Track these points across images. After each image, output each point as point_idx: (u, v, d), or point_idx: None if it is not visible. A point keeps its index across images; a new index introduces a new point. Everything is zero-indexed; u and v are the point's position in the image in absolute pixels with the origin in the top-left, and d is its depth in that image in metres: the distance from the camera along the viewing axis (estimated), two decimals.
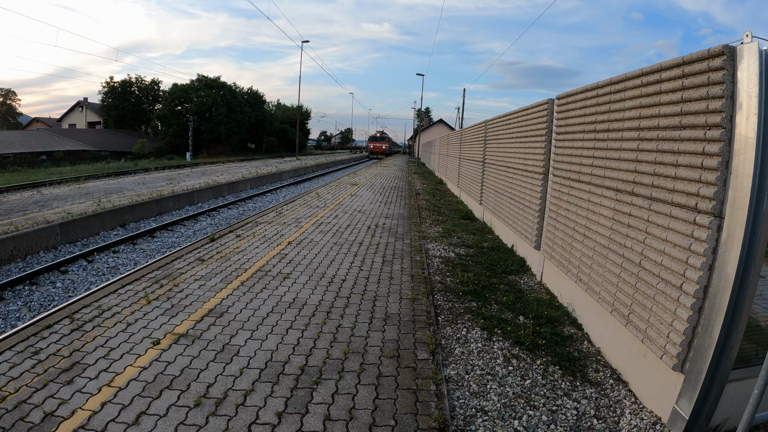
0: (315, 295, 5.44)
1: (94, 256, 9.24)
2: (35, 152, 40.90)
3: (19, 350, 3.97)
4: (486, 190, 10.91)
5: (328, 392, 3.42)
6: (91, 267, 8.61)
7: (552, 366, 4.05)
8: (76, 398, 3.28)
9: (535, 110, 7.22)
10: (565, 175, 5.50)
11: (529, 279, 6.66)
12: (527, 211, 7.18)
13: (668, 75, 3.48)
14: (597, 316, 4.54)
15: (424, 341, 4.32)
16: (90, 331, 4.35)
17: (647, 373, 3.56)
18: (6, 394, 3.30)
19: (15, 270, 8.33)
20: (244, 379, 3.56)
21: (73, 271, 8.31)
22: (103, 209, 11.80)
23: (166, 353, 3.95)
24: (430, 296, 5.56)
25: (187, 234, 11.74)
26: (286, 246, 7.83)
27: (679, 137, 3.28)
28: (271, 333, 4.37)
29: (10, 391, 3.34)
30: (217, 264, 6.63)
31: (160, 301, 5.13)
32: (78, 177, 24.16)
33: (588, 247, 4.68)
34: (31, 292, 7.23)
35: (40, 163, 39.43)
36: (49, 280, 7.80)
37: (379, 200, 14.92)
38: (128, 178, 22.61)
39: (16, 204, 12.75)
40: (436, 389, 3.52)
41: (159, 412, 3.14)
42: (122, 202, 13.18)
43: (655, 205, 3.52)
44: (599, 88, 4.74)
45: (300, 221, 10.37)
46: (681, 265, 3.11)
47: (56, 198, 14.05)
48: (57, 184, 20.77)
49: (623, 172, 4.07)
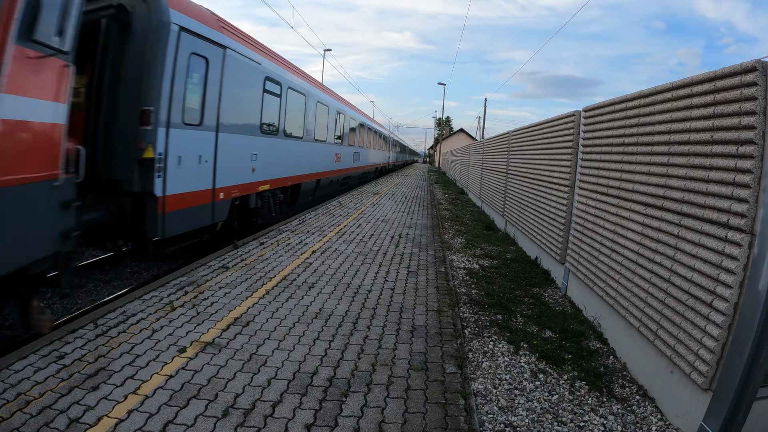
0: (341, 305, 5.48)
1: None
2: None
3: (44, 354, 3.99)
4: (509, 201, 10.87)
5: (357, 405, 3.42)
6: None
7: (578, 381, 4.02)
8: (102, 405, 3.28)
9: (561, 122, 7.21)
10: (592, 188, 5.48)
11: (554, 292, 6.62)
12: (552, 224, 7.14)
13: (699, 89, 3.47)
14: (623, 331, 4.49)
15: (452, 354, 4.32)
16: (115, 337, 4.38)
17: (674, 389, 3.51)
18: (30, 399, 3.30)
19: None
20: (272, 390, 3.56)
21: (94, 274, 8.43)
22: None
23: (192, 361, 3.97)
24: (456, 308, 5.57)
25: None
26: (311, 255, 7.91)
27: (711, 152, 3.26)
28: (298, 343, 4.40)
29: (34, 395, 3.35)
30: (241, 272, 6.72)
31: (186, 308, 5.18)
32: None
33: (615, 262, 4.65)
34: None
35: None
36: None
37: (401, 210, 14.96)
38: None
39: None
40: (464, 403, 3.51)
41: (186, 421, 3.13)
42: None
43: (685, 220, 3.50)
44: (628, 101, 4.73)
45: (323, 230, 10.46)
46: (711, 281, 3.08)
47: None
48: None
49: (653, 186, 4.04)
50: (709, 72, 3.37)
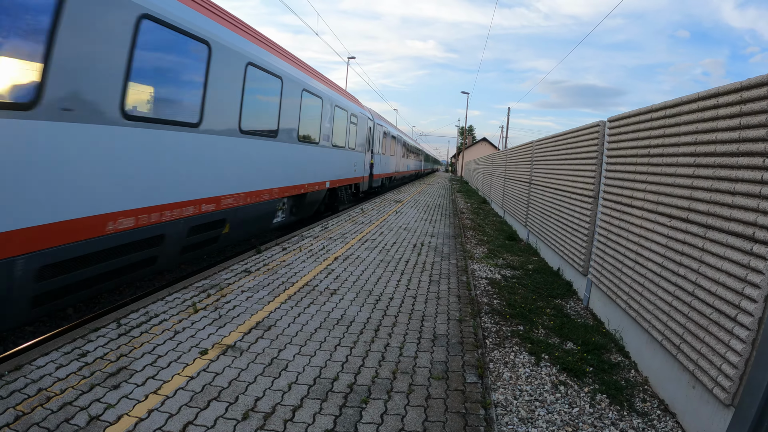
0: (363, 312, 5.52)
1: None
2: None
3: (66, 351, 4.08)
4: (532, 211, 10.81)
5: (377, 412, 3.43)
6: None
7: (599, 394, 3.98)
8: (123, 404, 3.33)
9: (586, 132, 7.17)
10: (617, 200, 5.43)
11: (576, 304, 6.56)
12: (575, 235, 7.09)
13: (725, 100, 3.44)
14: (645, 344, 4.44)
15: (473, 364, 4.32)
16: (137, 337, 4.46)
17: (696, 405, 3.46)
18: (51, 395, 3.37)
19: None
20: (292, 395, 3.59)
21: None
22: None
23: (213, 364, 4.02)
24: (477, 318, 5.56)
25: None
26: (333, 261, 7.98)
27: (737, 164, 3.22)
28: (319, 349, 4.44)
29: (55, 392, 3.42)
30: (264, 276, 6.81)
31: (208, 310, 5.26)
32: None
33: (639, 274, 4.60)
34: None
35: None
36: None
37: (423, 218, 14.97)
38: None
39: None
40: (485, 414, 3.50)
41: (206, 423, 3.16)
42: None
43: (710, 233, 3.45)
44: (653, 112, 4.70)
45: (346, 237, 10.53)
46: (736, 295, 3.04)
47: None
48: None
49: (678, 198, 4.00)
50: (735, 83, 3.34)
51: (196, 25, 6.39)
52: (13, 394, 3.37)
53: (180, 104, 6.39)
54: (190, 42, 6.31)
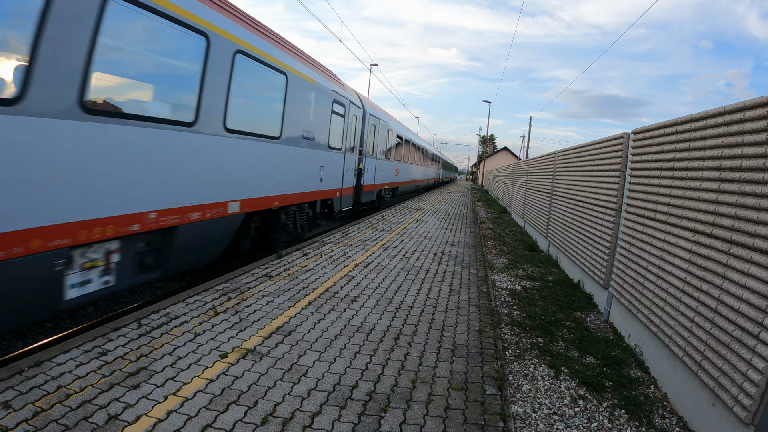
0: (383, 320, 5.55)
1: None
2: None
3: (87, 350, 4.15)
4: (553, 222, 10.73)
5: (396, 421, 3.43)
6: None
7: (618, 409, 3.95)
8: (142, 404, 3.36)
9: (609, 144, 7.13)
10: (640, 213, 5.39)
11: (596, 317, 6.50)
12: (597, 247, 7.03)
13: (752, 114, 3.41)
14: (666, 360, 4.38)
15: (492, 375, 4.31)
16: (158, 338, 4.52)
17: (715, 423, 3.41)
18: (71, 392, 3.42)
19: None
20: (311, 401, 3.61)
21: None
22: None
23: (233, 367, 4.05)
24: (497, 329, 5.55)
25: None
26: (353, 268, 8.04)
27: (763, 180, 3.19)
28: (339, 356, 4.47)
29: (75, 389, 3.47)
30: (284, 281, 6.89)
31: (228, 314, 5.33)
32: None
33: (661, 289, 4.56)
34: None
35: None
36: None
37: (444, 227, 14.96)
38: None
39: None
40: (503, 426, 3.50)
41: (225, 426, 3.19)
42: None
43: (734, 248, 3.42)
44: (678, 125, 4.67)
45: (366, 244, 10.59)
46: (759, 312, 3.00)
47: None
48: None
49: (702, 213, 3.97)
50: (762, 96, 3.31)
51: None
52: (32, 390, 3.44)
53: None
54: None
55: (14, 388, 3.45)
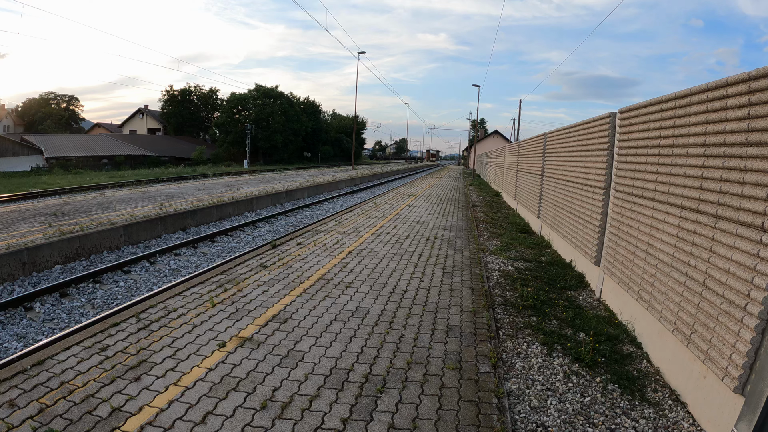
0: (377, 304, 5.61)
1: (156, 258, 9.80)
2: (97, 156, 43.42)
3: (87, 346, 4.22)
4: (544, 203, 10.80)
5: (392, 401, 3.51)
6: (153, 268, 9.11)
7: (611, 384, 4.04)
8: (144, 395, 3.44)
9: (596, 124, 7.16)
10: (628, 191, 5.44)
11: (588, 295, 6.59)
12: (587, 227, 7.10)
13: (734, 90, 3.45)
14: (657, 335, 4.47)
15: (486, 354, 4.39)
16: (156, 331, 4.60)
17: (707, 394, 3.50)
18: (74, 388, 3.49)
19: (79, 268, 8.90)
20: (309, 385, 3.69)
21: (136, 271, 8.81)
22: (166, 213, 12.60)
23: (232, 356, 4.13)
24: (490, 310, 5.62)
25: (246, 240, 12.25)
26: (347, 255, 8.08)
27: (746, 154, 3.24)
28: (335, 341, 4.54)
29: (78, 384, 3.54)
30: (279, 271, 6.93)
31: (225, 305, 5.39)
32: (139, 181, 25.71)
33: (650, 265, 4.63)
34: (95, 290, 7.68)
35: (102, 166, 41.86)
36: (112, 279, 8.27)
37: (436, 212, 15.01)
38: (188, 184, 23.85)
39: (81, 205, 13.80)
40: (497, 402, 3.58)
41: (226, 412, 3.27)
42: (183, 206, 14.00)
43: (720, 223, 3.48)
44: (663, 103, 4.70)
45: (359, 231, 10.63)
46: (745, 285, 3.06)
47: (119, 201, 15.10)
48: (119, 187, 22.11)
49: (688, 189, 4.02)
50: (743, 73, 3.34)
51: None
52: (36, 388, 3.50)
53: None
54: None
55: (18, 387, 3.51)
